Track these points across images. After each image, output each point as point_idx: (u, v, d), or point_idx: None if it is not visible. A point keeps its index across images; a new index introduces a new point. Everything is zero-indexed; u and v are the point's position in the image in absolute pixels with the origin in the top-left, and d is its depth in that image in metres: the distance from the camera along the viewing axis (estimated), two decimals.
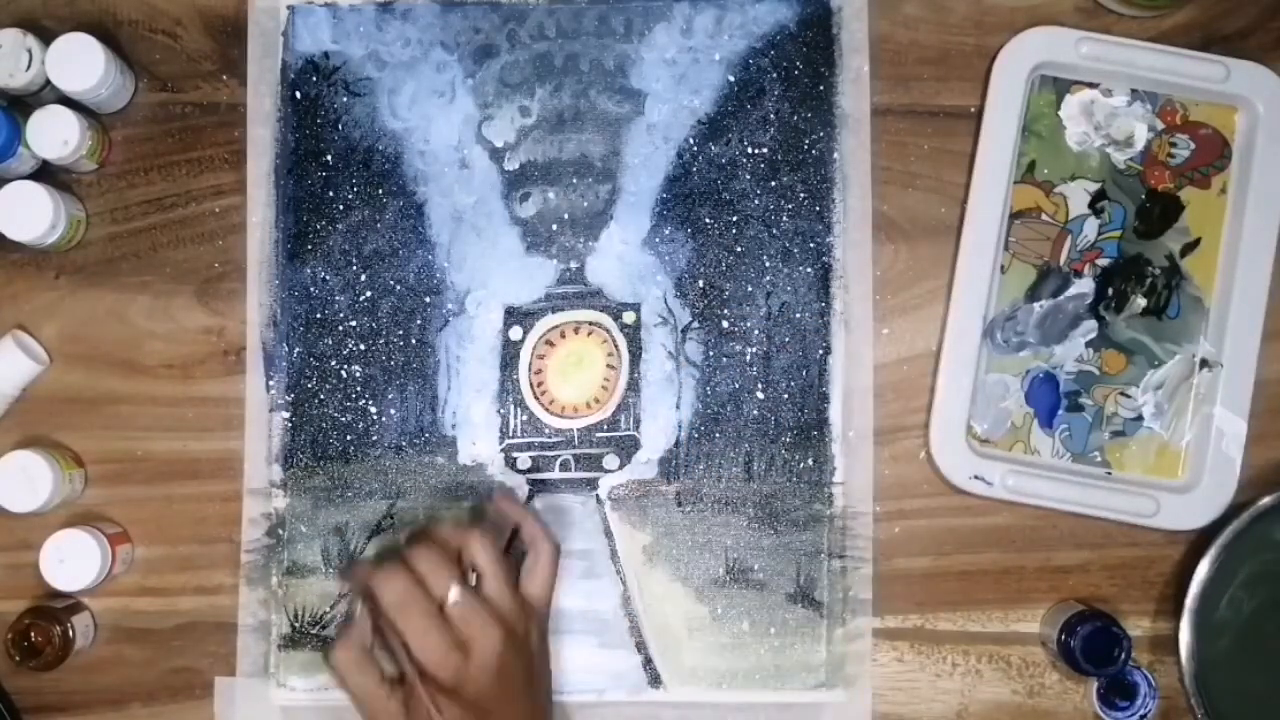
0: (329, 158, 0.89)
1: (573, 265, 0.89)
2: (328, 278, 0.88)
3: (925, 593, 0.88)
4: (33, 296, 0.89)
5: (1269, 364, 0.86)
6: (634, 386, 0.88)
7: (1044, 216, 0.88)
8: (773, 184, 0.88)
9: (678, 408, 0.88)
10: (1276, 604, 0.85)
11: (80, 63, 0.84)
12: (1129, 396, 0.88)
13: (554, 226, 0.88)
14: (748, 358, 0.88)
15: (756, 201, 0.88)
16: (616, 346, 0.88)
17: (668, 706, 0.86)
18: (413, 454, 0.87)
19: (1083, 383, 0.88)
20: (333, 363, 0.88)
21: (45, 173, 0.88)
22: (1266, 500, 0.84)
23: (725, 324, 0.88)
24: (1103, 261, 0.88)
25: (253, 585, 0.87)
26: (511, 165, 0.89)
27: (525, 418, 0.88)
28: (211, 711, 0.87)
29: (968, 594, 0.88)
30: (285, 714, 0.87)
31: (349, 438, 0.88)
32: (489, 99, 0.89)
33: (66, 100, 0.86)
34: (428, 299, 0.88)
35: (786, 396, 0.87)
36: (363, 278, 0.88)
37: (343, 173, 0.88)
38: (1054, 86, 0.88)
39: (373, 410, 0.88)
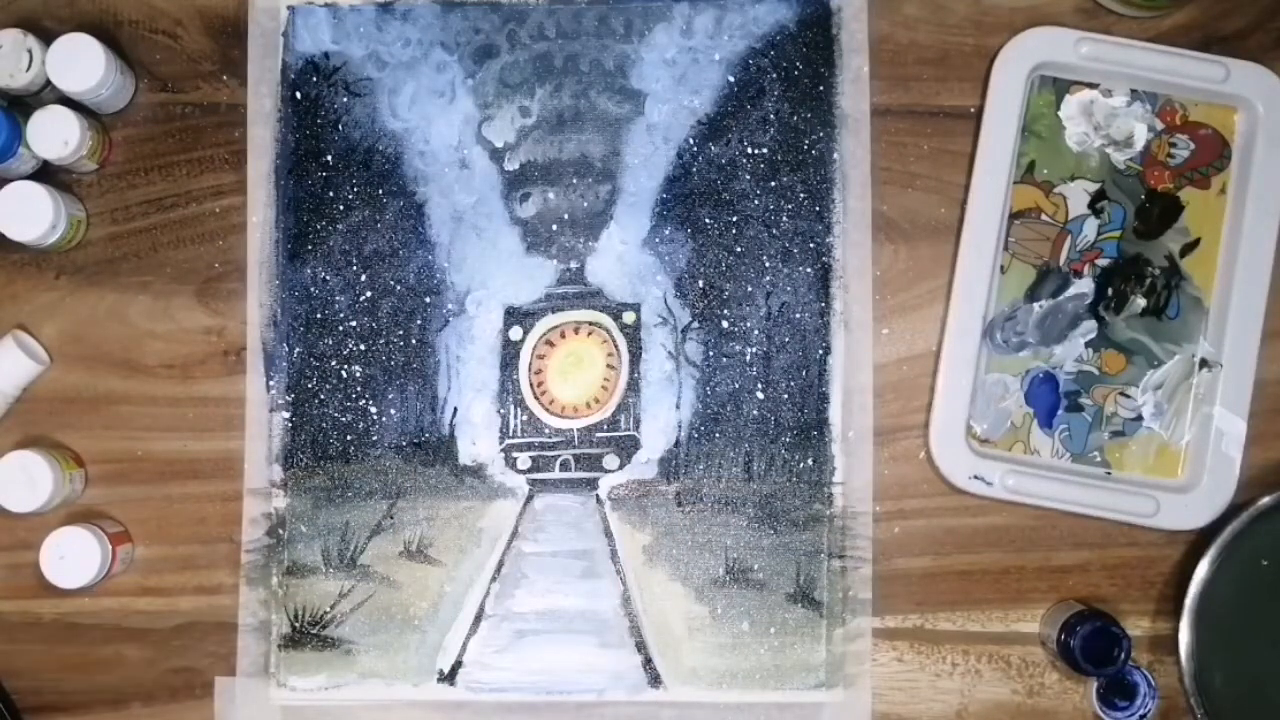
0: (329, 158, 0.89)
1: (573, 265, 0.89)
2: (328, 278, 0.88)
3: (925, 593, 0.88)
4: (33, 296, 0.89)
5: (1269, 364, 0.87)
6: (634, 386, 0.88)
7: (1044, 216, 0.88)
8: (772, 184, 0.88)
9: (678, 408, 0.88)
10: (1276, 604, 0.85)
11: (80, 63, 0.84)
12: (1129, 396, 0.88)
13: (554, 226, 0.88)
14: (748, 358, 0.88)
15: (756, 201, 0.88)
16: (616, 346, 0.88)
17: (667, 706, 0.86)
18: (413, 454, 0.87)
19: (1082, 383, 0.88)
20: (333, 363, 0.88)
21: (45, 173, 0.88)
22: (1266, 500, 0.84)
23: (725, 324, 0.88)
24: (1102, 262, 0.88)
25: (253, 585, 0.87)
26: (511, 165, 0.89)
27: (525, 418, 0.88)
28: (211, 711, 0.87)
29: (967, 594, 0.88)
30: (285, 714, 0.87)
31: (349, 438, 0.88)
32: (489, 99, 0.89)
33: (67, 100, 0.86)
34: (428, 299, 0.88)
35: (786, 396, 0.87)
36: (363, 278, 0.88)
37: (343, 173, 0.89)
38: (1054, 87, 0.88)
39: (373, 410, 0.88)
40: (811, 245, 0.88)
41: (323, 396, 0.88)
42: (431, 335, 0.88)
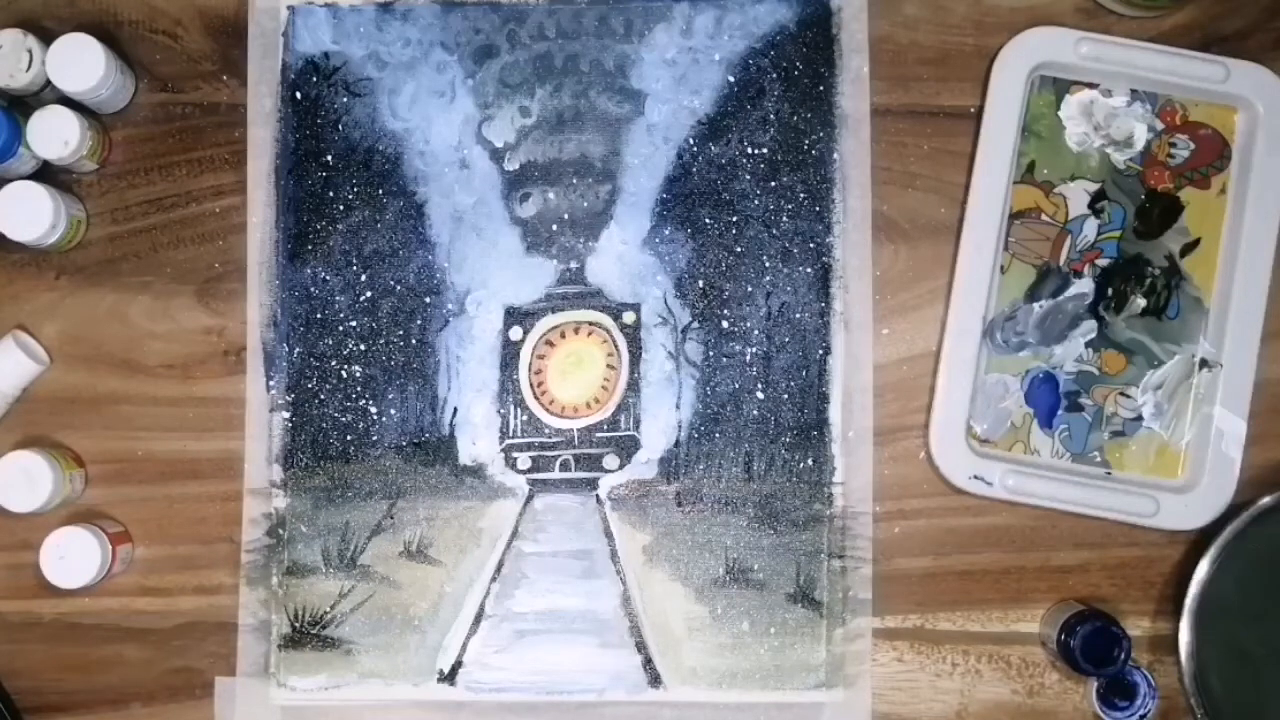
0: (329, 158, 0.89)
1: (573, 265, 0.89)
2: (328, 278, 0.88)
3: (925, 593, 0.88)
4: (33, 296, 0.89)
5: (1269, 364, 0.86)
6: (634, 386, 0.88)
7: (1044, 216, 0.88)
8: (773, 184, 0.88)
9: (678, 408, 0.88)
10: (1276, 604, 0.85)
11: (80, 63, 0.84)
12: (1129, 396, 0.88)
13: (554, 226, 0.88)
14: (748, 358, 0.88)
15: (756, 201, 0.88)
16: (616, 347, 0.88)
17: (668, 706, 0.86)
18: (413, 454, 0.87)
19: (1082, 383, 0.88)
20: (333, 363, 0.88)
21: (46, 173, 0.88)
22: (1266, 500, 0.84)
23: (725, 324, 0.88)
24: (1102, 262, 0.88)
25: (253, 585, 0.87)
26: (511, 165, 0.89)
27: (525, 418, 0.88)
28: (211, 711, 0.87)
29: (968, 594, 0.88)
30: (285, 714, 0.87)
31: (349, 438, 0.88)
32: (489, 99, 0.89)
33: (67, 100, 0.86)
34: (428, 299, 0.88)
35: (786, 396, 0.87)
36: (363, 278, 0.88)
37: (343, 173, 0.89)
38: (1054, 87, 0.88)
39: (373, 410, 0.88)
40: (811, 245, 0.88)
41: (323, 396, 0.88)
42: (431, 335, 0.88)
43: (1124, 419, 0.88)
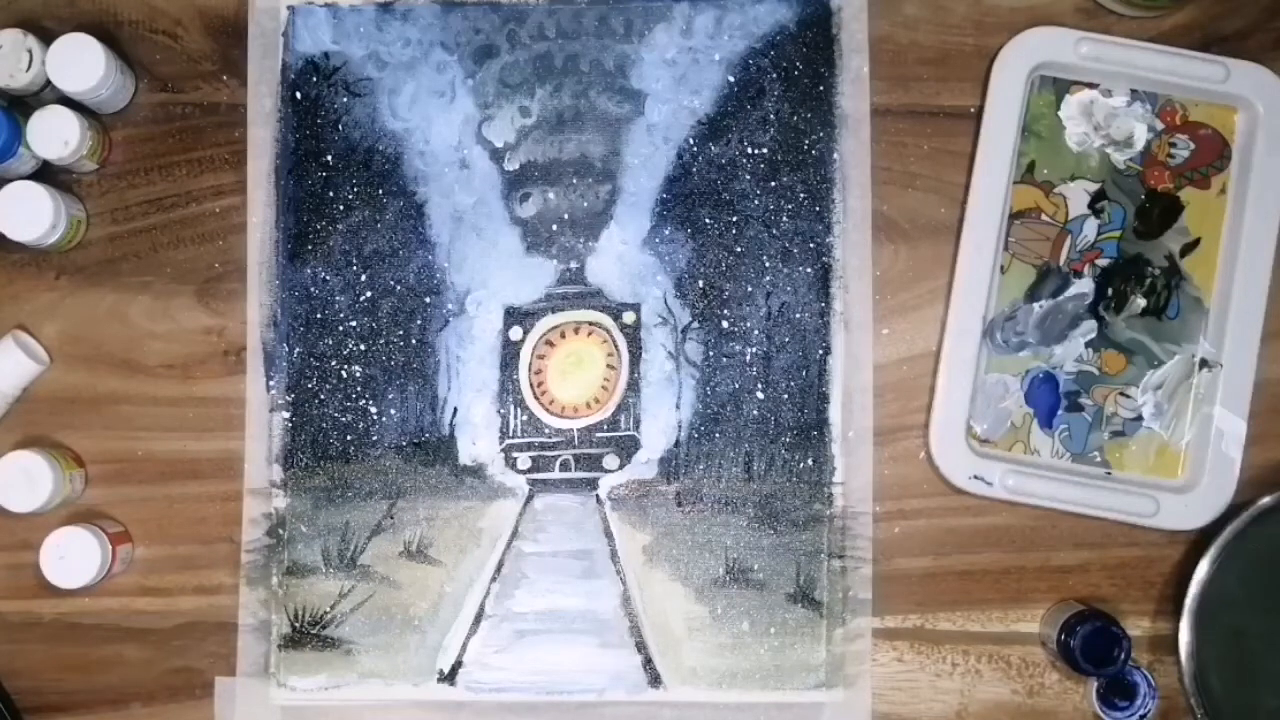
0: (329, 158, 0.89)
1: (573, 265, 0.89)
2: (328, 278, 0.88)
3: (925, 593, 0.88)
4: (33, 296, 0.89)
5: (1269, 364, 0.86)
6: (634, 386, 0.88)
7: (1044, 217, 0.88)
8: (772, 184, 0.88)
9: (678, 408, 0.88)
10: (1276, 604, 0.85)
11: (80, 63, 0.84)
12: (1129, 396, 0.88)
13: (554, 226, 0.88)
14: (748, 358, 0.88)
15: (756, 201, 0.88)
16: (616, 347, 0.88)
17: (668, 706, 0.86)
18: (413, 454, 0.87)
19: (1082, 383, 0.88)
20: (333, 363, 0.88)
21: (46, 173, 0.88)
22: (1266, 500, 0.84)
23: (725, 324, 0.88)
24: (1102, 262, 0.88)
25: (253, 585, 0.87)
26: (511, 165, 0.89)
27: (525, 418, 0.88)
28: (211, 711, 0.87)
29: (968, 594, 0.88)
30: (285, 714, 0.87)
31: (349, 438, 0.88)
32: (489, 99, 0.89)
33: (67, 100, 0.86)
34: (428, 299, 0.88)
35: (786, 396, 0.87)
36: (363, 278, 0.88)
37: (343, 173, 0.89)
38: (1054, 87, 0.88)
39: (373, 410, 0.88)
40: (811, 245, 0.88)
41: (323, 396, 0.88)
42: (431, 335, 0.88)
43: (1124, 419, 0.88)
